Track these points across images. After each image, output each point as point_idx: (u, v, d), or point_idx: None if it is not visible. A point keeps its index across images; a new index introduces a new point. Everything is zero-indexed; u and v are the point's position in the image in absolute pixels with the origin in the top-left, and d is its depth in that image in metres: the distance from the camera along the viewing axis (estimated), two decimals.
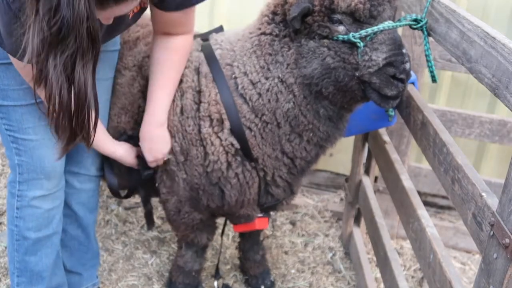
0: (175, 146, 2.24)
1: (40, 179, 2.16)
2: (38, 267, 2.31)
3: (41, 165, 2.13)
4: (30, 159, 2.12)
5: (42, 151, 2.12)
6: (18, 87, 2.02)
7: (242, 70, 2.11)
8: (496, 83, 1.37)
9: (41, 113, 2.06)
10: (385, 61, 1.86)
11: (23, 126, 2.07)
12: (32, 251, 2.27)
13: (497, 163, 3.65)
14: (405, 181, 2.27)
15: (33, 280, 2.33)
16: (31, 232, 2.23)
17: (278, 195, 2.36)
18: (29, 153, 2.11)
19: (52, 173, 2.17)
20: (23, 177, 2.15)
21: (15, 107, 2.04)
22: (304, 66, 1.97)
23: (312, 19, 1.90)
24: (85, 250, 2.61)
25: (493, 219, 1.30)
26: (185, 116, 2.20)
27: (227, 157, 2.18)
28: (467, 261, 3.37)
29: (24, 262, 2.28)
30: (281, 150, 2.18)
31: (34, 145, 2.10)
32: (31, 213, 2.20)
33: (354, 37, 1.84)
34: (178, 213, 2.45)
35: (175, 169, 2.30)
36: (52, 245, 2.33)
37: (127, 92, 2.35)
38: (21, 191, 2.17)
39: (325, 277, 3.09)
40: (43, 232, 2.26)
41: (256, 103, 2.10)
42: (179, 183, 2.32)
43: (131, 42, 2.43)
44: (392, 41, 1.87)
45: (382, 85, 1.89)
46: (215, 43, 2.24)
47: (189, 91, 2.20)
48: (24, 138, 2.09)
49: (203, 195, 2.30)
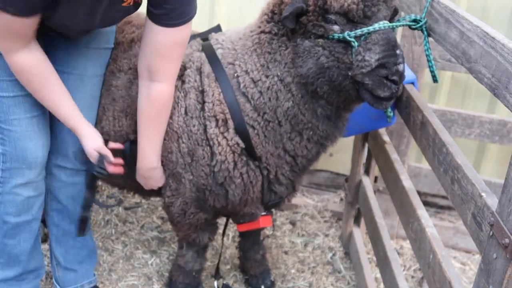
0: (183, 147, 2.24)
1: (22, 168, 2.21)
2: (16, 250, 2.36)
3: (23, 155, 2.19)
4: (13, 150, 2.17)
5: (25, 143, 2.17)
6: (7, 78, 2.06)
7: (243, 69, 2.13)
8: (496, 83, 1.37)
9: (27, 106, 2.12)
10: (378, 62, 1.85)
11: (9, 117, 2.13)
12: (11, 234, 2.33)
13: (497, 163, 3.65)
14: (405, 181, 2.27)
15: (10, 262, 2.38)
16: (10, 216, 2.28)
17: (281, 193, 2.37)
18: (13, 143, 2.17)
19: (33, 164, 2.22)
20: (6, 165, 2.20)
21: (3, 98, 2.09)
22: (300, 65, 1.99)
23: (307, 19, 1.91)
24: (80, 247, 2.62)
25: (493, 219, 1.30)
26: (190, 116, 2.21)
27: (234, 156, 2.19)
28: (467, 261, 3.37)
29: (3, 244, 2.34)
30: (283, 148, 2.19)
31: (18, 137, 2.16)
32: (12, 199, 2.25)
33: (349, 36, 1.85)
34: (183, 215, 2.44)
35: (182, 172, 2.29)
36: (31, 231, 2.38)
37: (125, 94, 2.34)
38: (4, 178, 2.22)
39: (325, 277, 3.09)
40: (23, 217, 2.31)
41: (258, 101, 2.11)
42: (185, 185, 2.32)
43: (125, 43, 2.40)
44: (386, 41, 1.86)
45: (374, 86, 1.88)
46: (216, 43, 2.25)
47: (192, 91, 2.21)
48: (9, 129, 2.14)
49: (209, 196, 2.30)
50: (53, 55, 2.23)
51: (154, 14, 1.98)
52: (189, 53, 2.28)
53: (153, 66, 2.07)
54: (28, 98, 2.13)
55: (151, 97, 2.12)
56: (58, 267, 2.63)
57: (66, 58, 2.23)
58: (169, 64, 2.08)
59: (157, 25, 1.99)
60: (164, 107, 2.17)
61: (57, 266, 2.64)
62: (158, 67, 2.07)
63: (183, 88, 2.22)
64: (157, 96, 2.11)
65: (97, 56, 2.29)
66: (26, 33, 1.89)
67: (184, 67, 2.25)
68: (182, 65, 2.23)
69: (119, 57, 2.39)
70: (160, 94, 2.11)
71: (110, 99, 2.37)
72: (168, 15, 1.95)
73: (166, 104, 2.16)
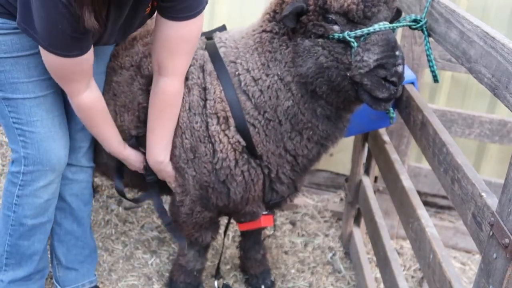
0: (186, 143, 2.26)
1: (45, 170, 2.22)
2: (30, 251, 2.39)
3: (48, 157, 2.19)
4: (36, 152, 2.18)
5: (48, 144, 2.18)
6: (27, 80, 2.08)
7: (245, 67, 2.14)
8: (496, 83, 1.37)
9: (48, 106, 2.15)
10: (376, 62, 1.85)
11: (31, 119, 2.13)
12: (26, 236, 2.35)
13: (497, 163, 3.65)
14: (405, 181, 2.27)
15: (22, 262, 2.40)
16: (28, 219, 2.30)
17: (283, 192, 2.38)
18: (36, 146, 2.17)
19: (57, 165, 2.23)
20: (28, 168, 2.20)
21: (24, 100, 2.10)
22: (300, 64, 1.99)
23: (307, 18, 1.92)
24: (82, 246, 2.62)
25: (493, 219, 1.30)
26: (193, 113, 2.22)
27: (235, 154, 2.20)
28: (467, 261, 3.37)
29: (16, 246, 2.35)
30: (283, 147, 2.19)
31: (41, 138, 2.16)
32: (31, 202, 2.26)
33: (349, 36, 1.85)
34: (191, 214, 2.45)
35: (185, 166, 2.31)
36: (45, 232, 2.41)
37: (127, 90, 2.36)
38: (25, 181, 2.23)
39: (325, 277, 3.09)
40: (39, 219, 2.33)
41: (258, 99, 2.12)
42: (189, 181, 2.33)
43: (127, 41, 2.43)
44: (385, 42, 1.85)
45: (373, 87, 1.88)
46: (219, 41, 2.26)
47: (195, 88, 2.22)
48: (31, 131, 2.15)
49: (212, 193, 2.31)
50: None
51: (162, 7, 1.99)
52: None
53: (161, 61, 2.09)
54: (48, 98, 2.15)
55: (159, 91, 2.14)
56: (59, 266, 2.64)
57: None
58: (177, 59, 2.09)
59: (166, 19, 2.00)
60: (171, 102, 2.17)
61: (58, 266, 2.64)
62: (166, 62, 2.09)
63: (186, 85, 2.24)
64: (164, 90, 2.13)
65: (101, 53, 2.30)
66: (88, 68, 1.98)
67: None
68: None
69: (120, 54, 2.41)
70: (167, 89, 2.13)
71: (111, 94, 2.40)
72: (175, 7, 1.97)
73: (173, 99, 2.17)
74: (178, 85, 2.15)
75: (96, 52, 2.27)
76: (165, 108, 2.18)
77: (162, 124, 2.22)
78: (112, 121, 2.25)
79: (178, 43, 2.05)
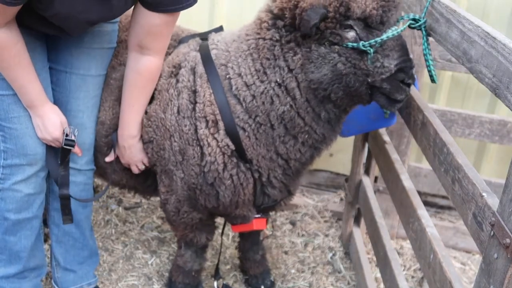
0: (175, 146, 2.25)
1: (22, 165, 2.24)
2: (17, 247, 2.39)
3: (24, 152, 2.22)
4: (14, 146, 2.21)
5: (25, 140, 2.20)
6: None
7: (236, 71, 2.11)
8: (497, 83, 1.37)
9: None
10: (397, 67, 1.90)
11: (9, 115, 2.16)
12: (12, 231, 2.35)
13: (497, 163, 3.65)
14: (405, 181, 2.27)
15: (11, 259, 2.40)
16: (11, 213, 2.31)
17: (275, 196, 2.37)
18: (14, 141, 2.20)
19: (33, 160, 2.25)
20: (7, 162, 2.23)
21: (2, 96, 2.12)
22: (312, 71, 1.96)
23: (325, 25, 1.89)
24: (81, 247, 2.62)
25: (494, 219, 1.30)
26: (182, 116, 2.21)
27: (224, 158, 2.19)
28: (467, 261, 3.37)
29: (3, 241, 2.36)
30: (275, 151, 2.18)
31: (18, 134, 2.19)
32: (12, 195, 2.28)
33: (364, 46, 1.86)
34: (177, 213, 2.45)
35: (173, 169, 2.31)
36: (31, 228, 2.40)
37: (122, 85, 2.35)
38: (4, 175, 2.26)
39: (325, 277, 3.09)
40: (23, 214, 2.33)
41: (250, 104, 2.10)
42: (177, 182, 2.33)
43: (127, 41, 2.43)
44: (401, 47, 1.92)
45: (392, 90, 1.93)
46: (212, 43, 2.25)
47: (185, 91, 2.21)
48: (9, 126, 2.18)
49: (200, 195, 2.31)
50: (55, 55, 2.24)
51: (148, 2, 1.98)
52: (186, 52, 2.29)
53: (145, 44, 2.13)
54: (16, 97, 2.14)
55: (141, 68, 2.18)
56: (57, 267, 2.63)
57: (69, 58, 2.24)
58: (160, 40, 2.16)
59: (152, 11, 2.01)
60: (151, 78, 2.24)
61: (56, 267, 2.64)
62: (149, 44, 2.13)
63: (176, 87, 2.23)
64: (147, 67, 2.18)
65: (100, 55, 2.31)
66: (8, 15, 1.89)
67: (179, 66, 2.27)
68: (177, 64, 2.28)
69: (121, 53, 2.42)
70: (150, 66, 2.19)
71: (109, 91, 2.40)
72: (163, 2, 1.98)
73: (154, 75, 2.24)
74: (160, 61, 2.23)
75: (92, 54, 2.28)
76: (147, 84, 2.24)
77: (142, 100, 2.27)
78: (33, 71, 2.09)
79: (163, 28, 2.10)
